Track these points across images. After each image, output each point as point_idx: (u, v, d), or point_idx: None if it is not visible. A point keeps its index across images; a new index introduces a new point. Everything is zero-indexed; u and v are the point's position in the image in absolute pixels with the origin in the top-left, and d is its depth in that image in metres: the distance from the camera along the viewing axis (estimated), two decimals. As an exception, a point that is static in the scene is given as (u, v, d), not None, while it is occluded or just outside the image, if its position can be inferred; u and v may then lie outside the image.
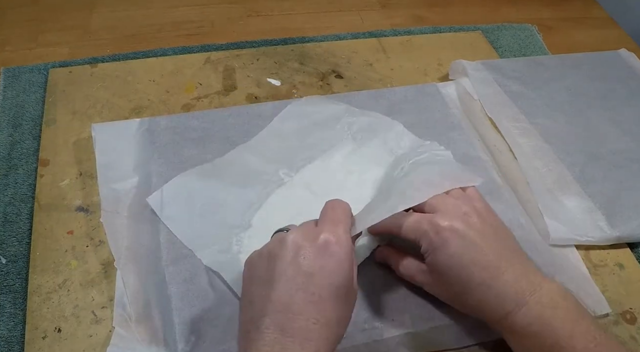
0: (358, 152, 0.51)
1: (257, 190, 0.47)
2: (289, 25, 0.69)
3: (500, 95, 0.59)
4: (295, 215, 0.42)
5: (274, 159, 0.50)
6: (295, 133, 0.52)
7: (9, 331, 0.40)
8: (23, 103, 0.55)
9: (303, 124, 0.53)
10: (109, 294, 0.41)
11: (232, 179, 0.47)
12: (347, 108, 0.54)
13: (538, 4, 0.78)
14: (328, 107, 0.54)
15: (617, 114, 0.59)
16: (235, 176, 0.48)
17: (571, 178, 0.51)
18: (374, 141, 0.52)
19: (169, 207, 0.44)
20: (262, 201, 0.47)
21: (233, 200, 0.46)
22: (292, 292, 0.32)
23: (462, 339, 0.41)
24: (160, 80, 0.58)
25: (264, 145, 0.51)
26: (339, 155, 0.51)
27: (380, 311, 0.41)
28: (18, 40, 0.63)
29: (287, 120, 0.53)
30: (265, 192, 0.47)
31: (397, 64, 0.64)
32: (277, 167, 0.49)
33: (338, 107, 0.54)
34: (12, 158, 0.50)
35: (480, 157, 0.53)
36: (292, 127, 0.52)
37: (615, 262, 0.48)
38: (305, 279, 0.32)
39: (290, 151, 0.50)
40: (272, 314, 0.32)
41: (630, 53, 0.67)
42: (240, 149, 0.50)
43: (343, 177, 0.49)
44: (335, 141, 0.52)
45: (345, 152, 0.51)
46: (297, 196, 0.47)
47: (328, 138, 0.52)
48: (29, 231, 0.45)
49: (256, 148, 0.50)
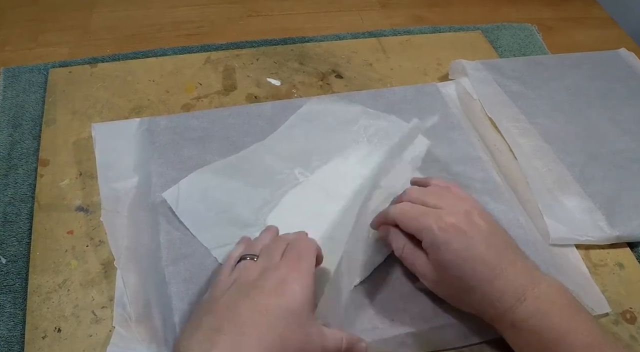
0: (373, 156, 0.51)
1: (272, 189, 0.47)
2: (289, 25, 0.69)
3: (500, 95, 0.59)
4: (309, 216, 0.42)
5: (290, 158, 0.50)
6: (311, 133, 0.52)
7: (9, 331, 0.40)
8: (23, 103, 0.55)
9: (319, 125, 0.53)
10: (109, 294, 0.41)
11: (248, 177, 0.47)
12: (363, 110, 0.54)
13: (538, 4, 0.78)
14: (344, 108, 0.54)
15: (617, 113, 0.59)
16: (250, 174, 0.48)
17: (571, 178, 0.51)
18: (389, 145, 0.51)
19: (184, 203, 0.44)
20: (277, 200, 0.47)
21: (248, 198, 0.46)
22: (241, 299, 0.33)
23: (462, 339, 0.41)
24: (160, 80, 0.58)
25: (279, 144, 0.51)
26: (354, 158, 0.50)
27: (381, 311, 0.41)
28: (18, 40, 0.63)
29: (303, 120, 0.53)
30: (280, 192, 0.47)
31: (397, 63, 0.64)
32: (292, 167, 0.49)
33: (354, 109, 0.54)
34: (12, 158, 0.50)
35: (480, 157, 0.53)
36: (308, 127, 0.52)
37: (615, 262, 0.48)
38: (259, 295, 0.33)
39: (306, 151, 0.50)
40: (212, 314, 0.32)
41: (630, 53, 0.67)
42: (256, 147, 0.50)
43: (357, 180, 0.49)
44: (351, 143, 0.51)
45: (360, 155, 0.51)
46: (312, 196, 0.47)
47: (344, 140, 0.52)
48: (29, 231, 0.45)
49: (272, 147, 0.50)
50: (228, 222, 0.44)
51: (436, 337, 0.41)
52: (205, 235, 0.43)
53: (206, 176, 0.47)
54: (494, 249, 0.37)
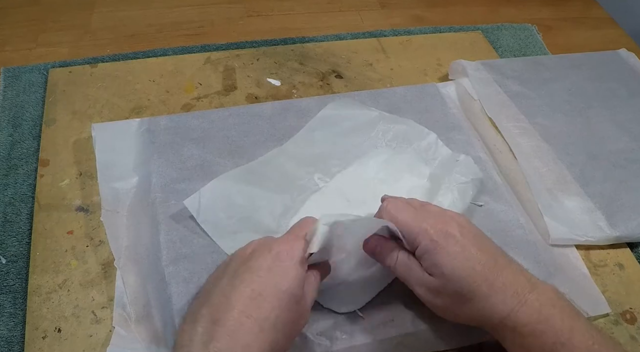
0: (392, 161, 0.50)
1: (293, 195, 0.47)
2: (289, 25, 0.69)
3: (500, 95, 0.59)
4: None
5: (309, 163, 0.49)
6: (329, 138, 0.51)
7: (9, 331, 0.40)
8: (23, 103, 0.55)
9: (337, 130, 0.52)
10: (109, 294, 0.41)
11: (268, 183, 0.47)
12: (380, 115, 0.53)
13: (538, 4, 0.78)
14: (362, 112, 0.53)
15: (617, 113, 0.59)
16: (271, 180, 0.47)
17: (571, 178, 0.51)
18: (408, 150, 0.51)
19: (205, 212, 0.44)
20: (298, 206, 0.47)
21: (269, 204, 0.46)
22: (235, 286, 0.33)
23: (462, 338, 0.41)
24: (160, 80, 0.58)
25: (298, 149, 0.50)
26: (374, 163, 0.50)
27: (381, 311, 0.41)
28: (18, 40, 0.63)
29: (321, 125, 0.52)
30: (300, 198, 0.47)
31: (397, 64, 0.64)
32: (312, 172, 0.49)
33: (372, 113, 0.53)
34: (12, 158, 0.50)
35: (480, 157, 0.53)
36: (326, 132, 0.52)
37: (615, 262, 0.48)
38: (251, 277, 0.33)
39: (324, 156, 0.50)
40: (209, 306, 0.32)
41: (630, 53, 0.67)
42: (275, 152, 0.50)
43: (377, 185, 0.49)
44: (370, 148, 0.51)
45: (380, 160, 0.51)
46: (332, 202, 0.47)
47: (362, 145, 0.51)
48: (29, 231, 0.45)
49: (291, 152, 0.50)
50: (250, 228, 0.44)
51: (436, 337, 0.41)
52: (227, 242, 0.43)
53: (227, 183, 0.46)
54: (488, 253, 0.37)
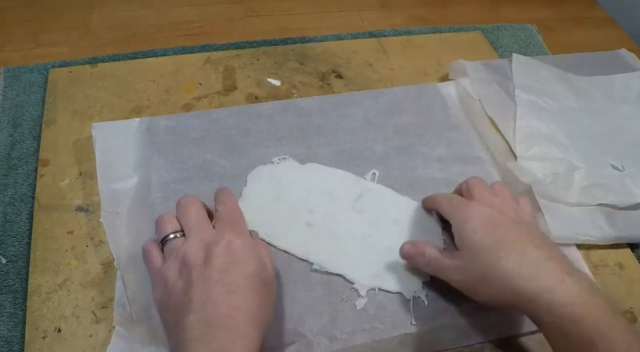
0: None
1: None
2: (289, 25, 0.69)
3: (500, 95, 0.59)
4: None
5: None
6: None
7: (9, 331, 0.40)
8: (23, 103, 0.55)
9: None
10: (109, 294, 0.41)
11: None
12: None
13: (538, 4, 0.78)
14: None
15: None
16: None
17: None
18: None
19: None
20: None
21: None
22: (211, 288, 0.33)
23: (462, 339, 0.41)
24: (160, 80, 0.58)
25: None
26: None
27: (381, 312, 0.41)
28: (18, 40, 0.63)
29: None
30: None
31: (397, 64, 0.64)
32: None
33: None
34: (12, 158, 0.50)
35: (480, 157, 0.53)
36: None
37: (615, 262, 0.48)
38: (221, 275, 0.34)
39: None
40: (195, 311, 0.33)
41: (630, 53, 0.67)
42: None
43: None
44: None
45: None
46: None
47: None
48: (29, 231, 0.45)
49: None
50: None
51: (436, 337, 0.41)
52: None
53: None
54: (525, 230, 0.38)
